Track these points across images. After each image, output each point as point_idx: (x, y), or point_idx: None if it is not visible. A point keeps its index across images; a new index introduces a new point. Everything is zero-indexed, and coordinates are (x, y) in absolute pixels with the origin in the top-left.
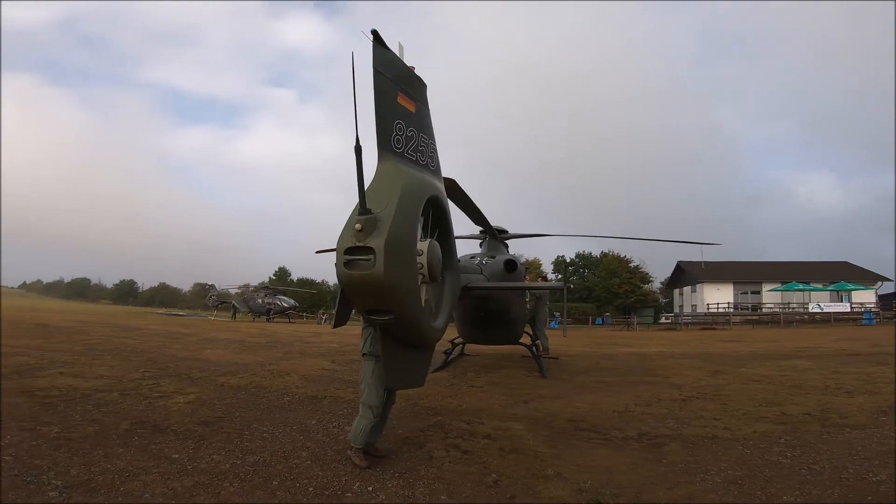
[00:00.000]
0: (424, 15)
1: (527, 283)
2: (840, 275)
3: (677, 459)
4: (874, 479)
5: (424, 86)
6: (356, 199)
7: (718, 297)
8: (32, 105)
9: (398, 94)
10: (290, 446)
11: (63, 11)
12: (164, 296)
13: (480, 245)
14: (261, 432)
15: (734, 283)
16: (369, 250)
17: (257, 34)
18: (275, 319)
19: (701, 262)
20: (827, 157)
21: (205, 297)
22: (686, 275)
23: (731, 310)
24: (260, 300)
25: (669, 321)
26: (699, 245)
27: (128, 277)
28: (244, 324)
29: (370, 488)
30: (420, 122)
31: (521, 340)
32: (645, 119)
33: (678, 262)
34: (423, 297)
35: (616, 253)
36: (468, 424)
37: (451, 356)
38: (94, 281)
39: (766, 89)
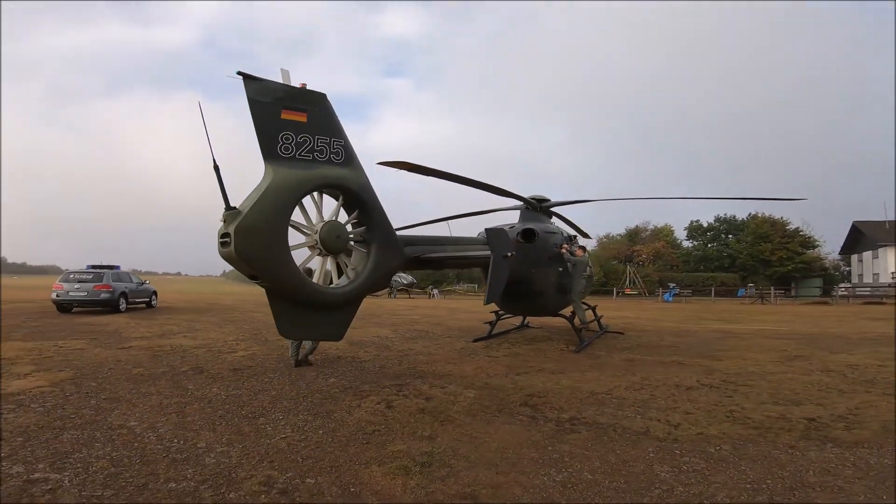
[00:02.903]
0: None
1: (476, 253)
2: None
3: (561, 448)
4: None
5: (321, 95)
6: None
7: None
8: (195, 118)
9: (281, 111)
10: (273, 389)
11: (202, 31)
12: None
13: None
14: (268, 379)
15: None
16: (228, 235)
17: (363, 30)
18: (397, 295)
19: (884, 222)
20: None
21: None
22: (865, 238)
23: None
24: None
25: (843, 293)
26: (882, 202)
27: None
28: (368, 299)
29: (280, 416)
30: (316, 126)
31: (563, 312)
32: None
33: (853, 222)
34: (342, 266)
35: (768, 214)
36: (430, 387)
37: (494, 328)
38: None
39: None
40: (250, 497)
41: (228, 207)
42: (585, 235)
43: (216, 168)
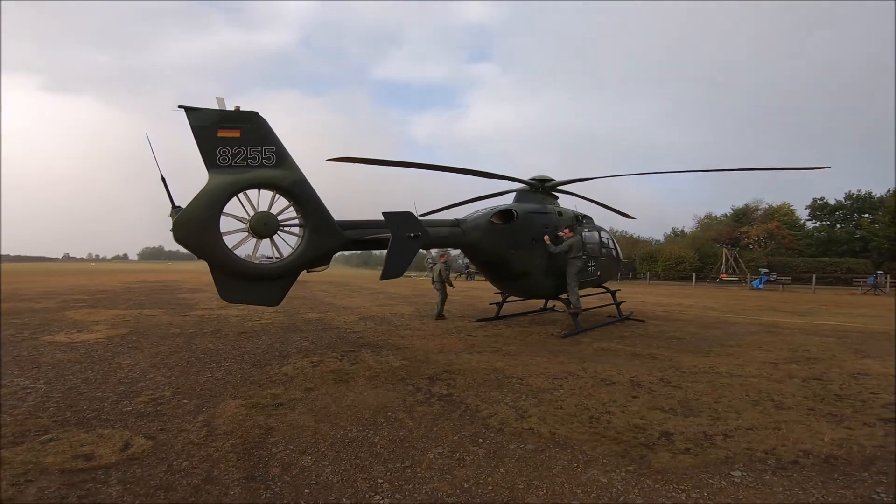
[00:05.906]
0: None
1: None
2: None
3: (396, 416)
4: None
5: (253, 113)
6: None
7: None
8: (300, 115)
9: (218, 130)
10: (251, 346)
11: (298, 31)
12: (416, 260)
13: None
14: (258, 340)
15: None
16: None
17: (444, 19)
18: (476, 277)
19: None
20: None
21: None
22: None
23: None
24: (460, 261)
25: None
26: None
27: None
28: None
29: (228, 365)
30: (248, 139)
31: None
32: None
33: None
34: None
35: None
36: (370, 355)
37: (500, 309)
38: (375, 252)
39: None
40: (132, 405)
41: (174, 206)
42: (627, 216)
43: (163, 179)
